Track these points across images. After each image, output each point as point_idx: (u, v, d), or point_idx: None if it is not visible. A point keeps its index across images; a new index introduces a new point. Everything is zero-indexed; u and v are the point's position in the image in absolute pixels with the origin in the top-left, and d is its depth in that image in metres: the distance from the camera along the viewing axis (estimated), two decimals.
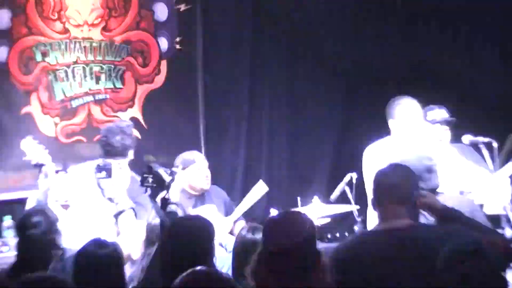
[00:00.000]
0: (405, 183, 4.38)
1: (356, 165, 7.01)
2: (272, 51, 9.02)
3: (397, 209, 4.25)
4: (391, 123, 6.47)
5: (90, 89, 8.20)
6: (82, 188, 5.93)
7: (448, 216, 4.46)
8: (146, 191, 5.55)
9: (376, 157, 6.43)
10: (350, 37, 9.14)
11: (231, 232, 6.80)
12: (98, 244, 4.69)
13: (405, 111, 6.46)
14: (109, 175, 5.78)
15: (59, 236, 5.12)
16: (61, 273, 4.58)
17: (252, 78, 8.93)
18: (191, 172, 7.01)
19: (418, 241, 4.15)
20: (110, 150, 6.16)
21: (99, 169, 5.80)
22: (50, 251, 5.02)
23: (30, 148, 6.26)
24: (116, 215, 5.72)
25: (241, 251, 4.92)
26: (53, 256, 5.02)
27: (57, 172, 5.84)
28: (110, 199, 5.80)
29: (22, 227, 5.10)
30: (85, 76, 8.17)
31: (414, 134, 6.45)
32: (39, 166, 6.15)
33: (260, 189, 7.30)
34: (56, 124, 8.03)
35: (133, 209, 5.74)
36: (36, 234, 5.00)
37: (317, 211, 7.01)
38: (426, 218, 4.66)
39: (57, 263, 5.00)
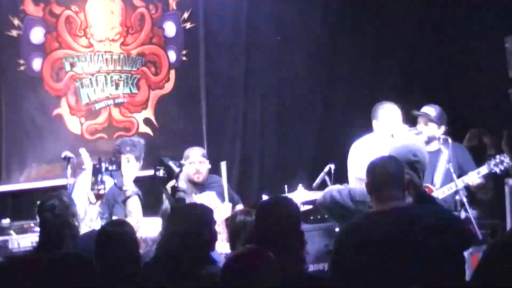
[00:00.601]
0: (400, 171, 4.74)
1: (334, 157, 7.53)
2: (263, 60, 9.38)
3: (394, 193, 4.59)
4: (374, 123, 6.69)
5: (110, 94, 8.55)
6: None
7: (425, 197, 4.93)
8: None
9: (361, 151, 6.62)
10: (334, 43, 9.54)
11: None
12: (115, 223, 5.03)
13: (387, 114, 6.68)
14: (118, 167, 6.08)
15: (73, 218, 5.30)
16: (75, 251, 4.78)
17: (246, 85, 9.32)
18: (186, 165, 7.23)
19: (419, 217, 4.46)
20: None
21: (111, 162, 6.09)
22: (64, 231, 5.19)
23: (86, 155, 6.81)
24: (124, 200, 6.05)
25: (234, 230, 5.25)
26: (67, 235, 5.18)
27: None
28: (120, 187, 6.13)
29: (40, 210, 5.35)
30: (106, 83, 8.51)
31: (394, 134, 6.59)
32: (67, 159, 6.77)
33: (224, 168, 7.42)
34: (82, 124, 8.40)
35: (139, 195, 6.08)
36: (49, 216, 5.22)
37: (301, 197, 7.36)
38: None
39: (70, 241, 5.15)
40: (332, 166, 7.63)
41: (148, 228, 6.50)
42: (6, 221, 7.42)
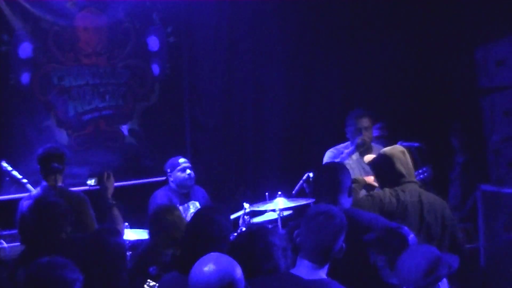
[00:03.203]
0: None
1: (312, 165, 7.40)
2: (243, 74, 9.38)
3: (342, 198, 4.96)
4: (348, 131, 6.87)
5: (97, 106, 8.50)
6: None
7: None
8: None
9: (334, 159, 6.85)
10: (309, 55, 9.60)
11: None
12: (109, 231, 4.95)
13: (357, 121, 6.90)
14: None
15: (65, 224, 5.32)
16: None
17: (227, 96, 9.32)
18: (176, 173, 7.47)
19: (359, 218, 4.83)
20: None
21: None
22: (56, 236, 5.21)
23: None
24: (107, 210, 5.99)
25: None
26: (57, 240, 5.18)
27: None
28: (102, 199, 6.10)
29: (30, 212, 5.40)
30: (93, 96, 8.47)
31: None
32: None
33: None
34: (70, 135, 8.35)
35: (118, 207, 6.02)
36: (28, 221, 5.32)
37: (281, 204, 7.23)
38: None
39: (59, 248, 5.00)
40: (311, 174, 7.48)
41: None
42: None
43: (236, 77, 9.43)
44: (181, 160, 7.53)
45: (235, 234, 6.89)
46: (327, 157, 6.97)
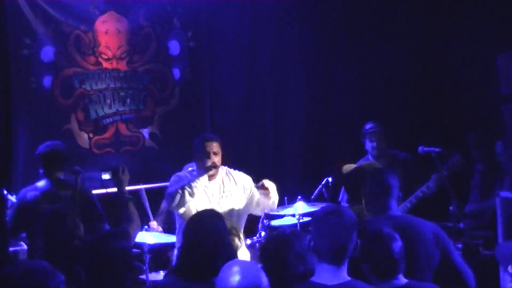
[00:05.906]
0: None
1: (332, 170, 7.52)
2: (263, 78, 9.31)
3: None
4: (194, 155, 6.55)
5: (118, 110, 8.48)
6: None
7: None
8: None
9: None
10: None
11: None
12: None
13: (206, 145, 6.50)
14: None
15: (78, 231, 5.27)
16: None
17: (247, 101, 9.25)
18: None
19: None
20: None
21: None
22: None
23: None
24: (123, 204, 5.81)
25: None
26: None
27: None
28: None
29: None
30: (114, 100, 8.45)
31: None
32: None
33: None
34: (90, 138, 8.34)
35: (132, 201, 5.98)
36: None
37: (300, 208, 7.31)
38: None
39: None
40: (330, 179, 7.61)
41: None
42: None
43: (256, 81, 9.35)
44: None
45: (256, 237, 6.82)
46: (171, 181, 6.57)
